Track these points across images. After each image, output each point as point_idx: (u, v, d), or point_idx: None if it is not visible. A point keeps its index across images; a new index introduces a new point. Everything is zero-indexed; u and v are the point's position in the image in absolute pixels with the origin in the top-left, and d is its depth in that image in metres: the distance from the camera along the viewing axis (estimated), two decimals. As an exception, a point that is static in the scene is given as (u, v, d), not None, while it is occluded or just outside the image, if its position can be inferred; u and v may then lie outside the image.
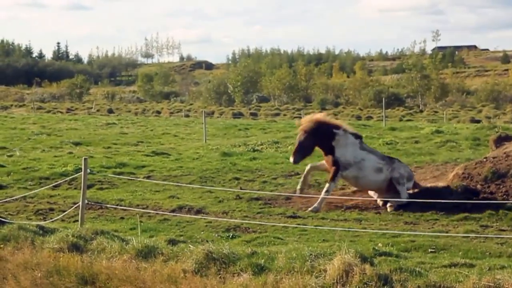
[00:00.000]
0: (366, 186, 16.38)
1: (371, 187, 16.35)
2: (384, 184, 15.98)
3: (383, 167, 16.01)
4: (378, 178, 15.98)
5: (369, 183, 16.16)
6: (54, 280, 9.94)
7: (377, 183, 16.02)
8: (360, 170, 15.98)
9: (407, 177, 16.02)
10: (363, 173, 15.99)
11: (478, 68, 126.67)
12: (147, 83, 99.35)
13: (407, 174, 16.11)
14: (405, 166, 16.51)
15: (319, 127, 16.03)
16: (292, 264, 8.89)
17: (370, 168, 15.99)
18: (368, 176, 16.00)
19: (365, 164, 16.00)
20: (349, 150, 16.04)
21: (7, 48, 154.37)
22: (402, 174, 15.98)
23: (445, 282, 8.24)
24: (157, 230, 13.14)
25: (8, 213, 14.69)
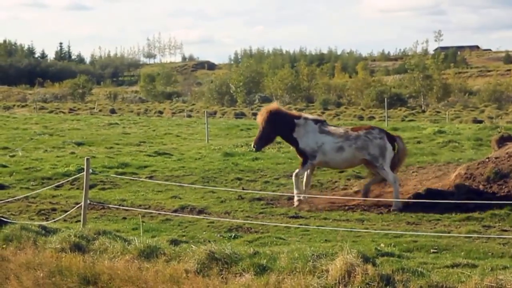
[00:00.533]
0: (339, 167, 16.96)
1: (345, 167, 16.93)
2: (357, 160, 16.23)
3: (342, 145, 16.07)
4: (344, 156, 16.12)
5: (340, 164, 16.49)
6: (57, 280, 9.94)
7: (348, 162, 16.33)
8: (324, 154, 16.18)
9: (380, 153, 16.00)
10: (328, 156, 16.18)
11: (481, 68, 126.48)
12: (149, 83, 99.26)
13: (379, 150, 16.03)
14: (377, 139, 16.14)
15: (274, 115, 16.43)
16: (294, 264, 8.89)
17: (331, 149, 16.12)
18: (334, 158, 16.18)
19: (326, 148, 16.15)
20: (310, 137, 16.22)
21: (10, 48, 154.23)
22: (374, 155, 16.00)
23: (447, 282, 8.23)
24: (159, 230, 13.16)
25: (10, 213, 14.71)
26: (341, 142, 16.07)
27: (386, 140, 16.20)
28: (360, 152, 16.07)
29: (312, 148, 16.19)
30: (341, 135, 16.20)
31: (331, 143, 16.12)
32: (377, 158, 16.03)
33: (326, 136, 16.22)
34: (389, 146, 16.18)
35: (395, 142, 16.44)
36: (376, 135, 16.17)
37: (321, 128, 16.36)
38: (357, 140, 16.06)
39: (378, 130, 16.48)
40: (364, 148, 16.04)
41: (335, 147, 16.09)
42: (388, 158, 16.14)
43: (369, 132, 16.25)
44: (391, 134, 16.83)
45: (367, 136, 16.13)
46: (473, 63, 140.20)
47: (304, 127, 16.36)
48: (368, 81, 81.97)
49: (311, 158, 16.19)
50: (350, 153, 16.07)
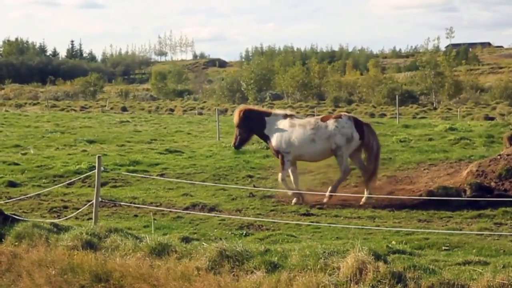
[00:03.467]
0: (314, 159, 16.83)
1: (320, 158, 16.81)
2: (328, 151, 16.28)
3: (313, 137, 16.11)
4: (317, 148, 16.19)
5: (314, 156, 16.50)
6: (68, 278, 9.97)
7: (321, 153, 16.36)
8: (297, 148, 16.22)
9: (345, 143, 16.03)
10: (302, 149, 16.24)
11: (492, 65, 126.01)
12: (160, 81, 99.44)
13: (345, 140, 16.03)
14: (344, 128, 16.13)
15: (247, 115, 16.71)
16: (306, 261, 8.89)
17: (303, 142, 16.16)
18: (308, 151, 16.26)
19: (298, 141, 16.19)
20: (281, 134, 16.31)
21: (21, 46, 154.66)
22: (338, 144, 16.03)
23: (459, 280, 8.21)
24: (170, 227, 13.18)
25: (22, 211, 14.75)
26: (313, 134, 16.14)
27: (354, 128, 16.17)
28: (328, 142, 16.13)
29: (284, 144, 16.29)
30: (312, 127, 16.23)
31: (303, 136, 16.18)
32: (341, 147, 16.08)
33: (297, 130, 16.28)
34: (356, 135, 16.18)
35: (363, 131, 16.37)
36: (344, 124, 16.16)
37: (292, 122, 16.43)
38: (326, 131, 16.11)
39: (346, 119, 16.40)
40: (331, 137, 16.09)
41: (308, 140, 16.17)
42: (353, 147, 16.21)
43: (337, 121, 16.23)
44: (360, 122, 16.73)
45: (336, 126, 16.14)
46: (485, 60, 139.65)
47: (274, 123, 16.51)
48: (380, 78, 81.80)
49: (286, 154, 16.28)
50: (322, 145, 16.15)
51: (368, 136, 16.40)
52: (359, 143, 16.25)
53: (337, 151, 16.13)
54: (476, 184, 15.40)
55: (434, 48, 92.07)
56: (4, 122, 41.20)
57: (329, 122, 16.22)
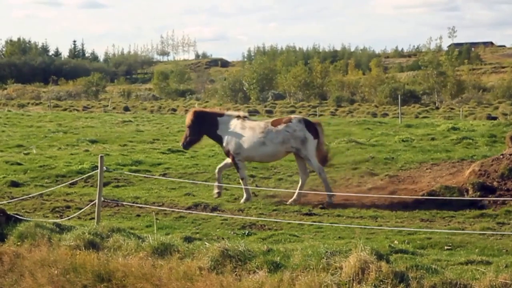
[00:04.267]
0: (265, 161, 17.41)
1: (271, 160, 17.34)
2: (281, 153, 16.50)
3: (265, 140, 16.24)
4: (267, 151, 16.34)
5: (264, 158, 16.78)
6: (71, 277, 9.99)
7: (272, 156, 16.59)
8: (247, 150, 16.38)
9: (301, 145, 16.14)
10: (251, 152, 16.40)
11: (495, 65, 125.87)
12: (162, 80, 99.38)
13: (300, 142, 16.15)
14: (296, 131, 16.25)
15: (199, 116, 16.93)
16: (308, 261, 8.89)
17: (253, 145, 16.31)
18: (258, 153, 16.41)
19: (248, 143, 16.33)
20: (233, 134, 16.48)
21: (24, 46, 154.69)
22: (296, 147, 16.18)
23: (461, 279, 8.20)
24: (173, 227, 13.18)
25: (25, 211, 14.77)
26: (263, 137, 16.28)
27: (306, 130, 16.32)
28: (282, 146, 16.29)
29: (235, 145, 16.46)
30: (262, 130, 16.38)
31: (253, 139, 16.34)
32: (300, 149, 16.23)
33: (248, 132, 16.44)
34: (309, 135, 16.31)
35: (316, 130, 16.54)
36: (295, 127, 16.30)
37: (243, 124, 16.59)
38: (278, 135, 16.25)
39: (297, 121, 16.51)
40: (285, 142, 16.23)
41: (258, 143, 16.31)
42: (311, 148, 16.30)
43: (288, 125, 16.36)
44: (311, 122, 16.87)
45: (287, 130, 16.27)
46: (487, 60, 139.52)
47: (227, 124, 16.67)
48: (382, 78, 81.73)
49: (236, 155, 16.43)
50: (273, 148, 16.30)
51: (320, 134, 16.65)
52: (315, 142, 16.43)
53: (300, 154, 16.35)
54: (478, 183, 15.39)
55: (436, 47, 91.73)
56: (7, 122, 41.23)
57: (280, 127, 16.38)
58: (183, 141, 17.41)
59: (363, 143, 26.15)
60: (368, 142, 26.96)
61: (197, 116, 16.99)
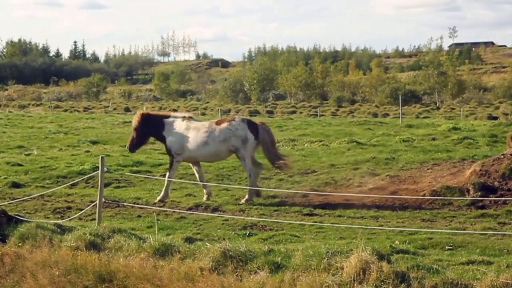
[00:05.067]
0: (207, 160, 17.56)
1: (214, 160, 17.59)
2: (223, 153, 16.71)
3: (207, 140, 16.44)
4: (210, 151, 16.53)
5: (207, 158, 16.95)
6: (72, 278, 9.98)
7: (215, 155, 16.78)
8: (190, 150, 16.56)
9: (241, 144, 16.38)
10: (194, 151, 16.57)
11: (495, 65, 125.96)
12: (163, 81, 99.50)
13: (240, 142, 16.39)
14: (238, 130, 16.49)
15: (146, 119, 17.05)
16: (309, 261, 8.88)
17: (196, 145, 16.49)
18: (201, 153, 16.59)
19: (192, 143, 16.52)
20: (177, 135, 16.65)
21: (25, 47, 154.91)
22: (236, 147, 16.43)
23: (462, 279, 8.20)
24: (174, 228, 13.19)
25: (26, 212, 14.77)
26: (206, 137, 16.47)
27: (248, 130, 16.52)
28: (224, 145, 16.50)
29: (178, 146, 16.64)
30: (206, 130, 16.58)
31: (197, 139, 16.51)
32: (239, 149, 16.45)
33: (192, 132, 16.62)
34: (250, 136, 16.52)
35: (258, 131, 16.71)
36: (237, 126, 16.51)
37: (187, 125, 16.78)
38: (220, 134, 16.44)
39: (239, 121, 16.76)
40: (227, 141, 16.44)
41: (201, 142, 16.48)
42: (250, 148, 16.57)
43: (231, 124, 16.60)
44: (254, 123, 17.02)
45: (229, 129, 16.48)
46: (488, 59, 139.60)
47: (172, 125, 16.84)
48: (383, 78, 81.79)
49: (176, 155, 16.62)
50: (215, 147, 16.49)
51: (263, 135, 16.78)
52: (255, 143, 16.67)
53: (237, 153, 16.59)
54: (479, 183, 15.37)
55: (437, 47, 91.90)
56: (8, 123, 41.23)
57: (223, 125, 16.61)
58: (129, 144, 17.49)
59: (364, 143, 26.14)
60: (369, 142, 26.94)
61: (143, 119, 17.14)
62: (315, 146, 26.35)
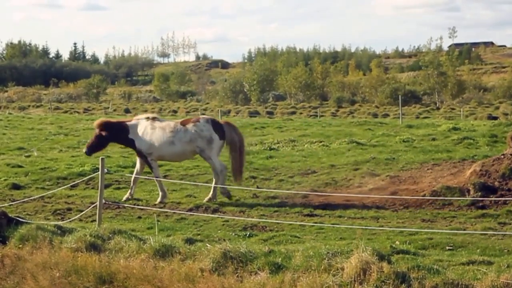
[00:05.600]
0: (174, 160, 17.81)
1: (181, 159, 17.76)
2: (189, 153, 16.85)
3: (173, 139, 16.58)
4: (176, 150, 16.68)
5: (174, 157, 17.15)
6: (73, 280, 9.99)
7: (181, 155, 16.95)
8: (158, 149, 16.70)
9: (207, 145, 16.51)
10: (161, 151, 16.71)
11: (495, 65, 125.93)
12: (163, 82, 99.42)
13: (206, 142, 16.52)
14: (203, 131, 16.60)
15: (105, 127, 17.26)
16: (309, 262, 8.89)
17: (163, 144, 16.64)
18: (168, 152, 16.75)
19: (158, 142, 16.66)
20: (144, 135, 16.78)
21: (24, 49, 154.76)
22: (201, 147, 16.52)
23: (463, 279, 8.21)
24: (174, 229, 13.19)
25: (26, 213, 14.77)
26: (172, 137, 16.60)
27: (212, 130, 16.65)
28: (189, 145, 16.63)
29: (147, 146, 16.75)
30: (171, 130, 16.70)
31: (163, 138, 16.64)
32: (204, 149, 16.58)
33: (158, 132, 16.74)
34: (215, 136, 16.65)
35: (223, 131, 16.83)
36: (202, 127, 16.64)
37: (153, 125, 16.90)
38: (185, 134, 16.59)
39: (204, 121, 16.88)
40: (192, 141, 16.57)
41: (167, 142, 16.61)
42: (216, 148, 16.68)
43: (196, 124, 16.71)
44: (219, 123, 17.15)
45: (195, 130, 16.60)
46: (488, 60, 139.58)
47: (137, 127, 16.96)
48: (382, 78, 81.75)
49: (148, 155, 16.71)
50: (180, 147, 16.64)
51: (230, 134, 16.87)
52: (220, 143, 16.79)
53: (202, 154, 16.71)
54: (479, 183, 15.37)
55: (436, 48, 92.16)
56: (8, 125, 41.20)
57: (188, 126, 16.73)
58: (88, 148, 17.60)
59: (364, 144, 26.14)
60: (369, 142, 26.94)
61: (104, 126, 17.30)
62: (315, 146, 26.34)
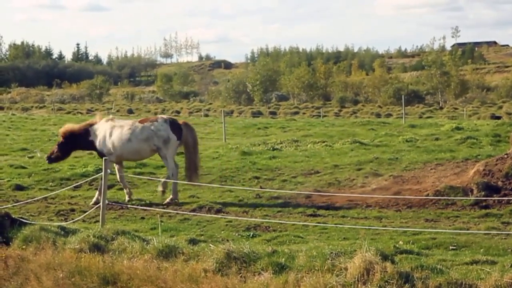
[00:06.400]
0: (133, 159, 17.82)
1: (139, 158, 17.86)
2: (146, 152, 16.99)
3: (130, 137, 16.73)
4: (132, 148, 16.82)
5: (132, 156, 17.23)
6: (76, 280, 9.98)
7: (138, 153, 17.08)
8: (117, 148, 16.83)
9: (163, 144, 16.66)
10: (121, 150, 16.83)
11: (498, 64, 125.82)
12: (166, 83, 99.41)
13: (162, 141, 16.67)
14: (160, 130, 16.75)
15: (68, 136, 17.37)
16: (313, 262, 8.88)
17: (121, 143, 16.79)
18: (125, 150, 16.87)
19: (116, 140, 16.81)
20: (104, 136, 16.93)
21: (27, 50, 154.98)
22: (158, 146, 16.69)
23: (466, 279, 8.20)
24: (177, 229, 13.18)
25: (29, 214, 14.78)
26: (129, 134, 16.76)
27: (169, 130, 16.80)
28: (146, 143, 16.79)
29: (107, 146, 16.91)
30: (129, 127, 16.88)
31: (121, 136, 16.80)
32: (161, 148, 16.72)
33: (116, 130, 16.91)
34: (172, 136, 16.78)
35: (181, 131, 16.98)
36: (159, 127, 16.80)
37: (112, 124, 17.09)
38: (142, 132, 16.75)
39: (162, 121, 17.01)
40: (149, 139, 16.73)
41: (124, 139, 16.76)
42: (172, 148, 16.85)
43: (153, 124, 16.87)
44: (177, 123, 17.23)
45: (151, 128, 16.76)
46: (491, 59, 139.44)
47: (97, 130, 17.12)
48: (385, 78, 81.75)
49: (109, 156, 16.71)
50: (137, 145, 16.79)
51: (186, 135, 17.02)
52: (177, 143, 16.97)
53: (159, 153, 16.82)
54: (483, 183, 15.36)
55: (439, 47, 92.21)
56: (11, 126, 41.23)
57: (146, 125, 16.91)
58: (49, 155, 17.77)
59: (367, 144, 26.13)
60: (372, 142, 26.94)
61: (67, 136, 17.40)
62: (318, 146, 26.35)
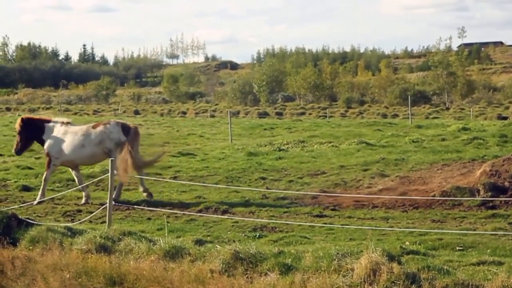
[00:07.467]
0: (86, 163, 17.87)
1: (92, 162, 17.95)
2: (100, 156, 17.03)
3: (84, 143, 16.84)
4: (86, 153, 16.92)
5: (85, 160, 17.31)
6: (83, 281, 10.00)
7: (92, 158, 17.14)
8: (68, 154, 16.91)
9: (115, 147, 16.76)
10: (72, 155, 16.91)
11: (505, 64, 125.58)
12: (172, 84, 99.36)
13: (114, 144, 16.79)
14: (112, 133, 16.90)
15: (26, 123, 17.35)
16: (319, 263, 8.88)
17: (74, 148, 16.87)
18: (78, 155, 16.97)
19: (69, 147, 16.88)
20: (55, 139, 16.99)
21: (34, 51, 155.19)
22: (109, 149, 16.78)
23: (473, 280, 8.18)
24: (184, 230, 13.19)
25: (36, 215, 14.81)
26: (83, 140, 16.85)
27: (121, 133, 16.95)
28: (99, 148, 16.88)
29: (56, 149, 16.97)
30: (83, 133, 16.98)
31: (74, 142, 16.88)
32: (112, 151, 16.77)
33: (69, 136, 16.99)
34: (124, 139, 16.92)
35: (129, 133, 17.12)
36: (112, 130, 16.96)
37: (65, 129, 17.14)
38: (96, 137, 16.86)
39: (114, 124, 17.18)
40: (101, 143, 16.85)
41: (78, 145, 16.86)
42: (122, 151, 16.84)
43: (106, 127, 17.02)
44: (128, 126, 17.37)
45: (104, 132, 16.90)
46: (497, 59, 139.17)
47: (52, 130, 17.18)
48: (392, 78, 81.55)
49: (54, 159, 16.93)
50: (91, 150, 16.89)
51: (130, 137, 17.09)
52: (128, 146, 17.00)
53: (110, 155, 16.66)
54: (489, 184, 15.34)
55: (446, 48, 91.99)
56: (18, 127, 41.28)
57: (98, 128, 17.04)
58: (15, 148, 17.76)
59: (373, 144, 26.13)
60: (379, 143, 26.93)
61: (24, 123, 17.41)
62: (324, 147, 26.35)
